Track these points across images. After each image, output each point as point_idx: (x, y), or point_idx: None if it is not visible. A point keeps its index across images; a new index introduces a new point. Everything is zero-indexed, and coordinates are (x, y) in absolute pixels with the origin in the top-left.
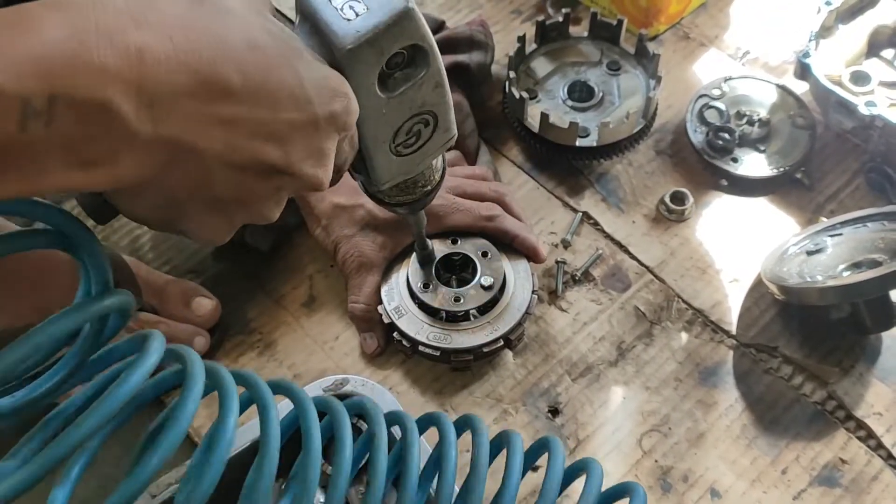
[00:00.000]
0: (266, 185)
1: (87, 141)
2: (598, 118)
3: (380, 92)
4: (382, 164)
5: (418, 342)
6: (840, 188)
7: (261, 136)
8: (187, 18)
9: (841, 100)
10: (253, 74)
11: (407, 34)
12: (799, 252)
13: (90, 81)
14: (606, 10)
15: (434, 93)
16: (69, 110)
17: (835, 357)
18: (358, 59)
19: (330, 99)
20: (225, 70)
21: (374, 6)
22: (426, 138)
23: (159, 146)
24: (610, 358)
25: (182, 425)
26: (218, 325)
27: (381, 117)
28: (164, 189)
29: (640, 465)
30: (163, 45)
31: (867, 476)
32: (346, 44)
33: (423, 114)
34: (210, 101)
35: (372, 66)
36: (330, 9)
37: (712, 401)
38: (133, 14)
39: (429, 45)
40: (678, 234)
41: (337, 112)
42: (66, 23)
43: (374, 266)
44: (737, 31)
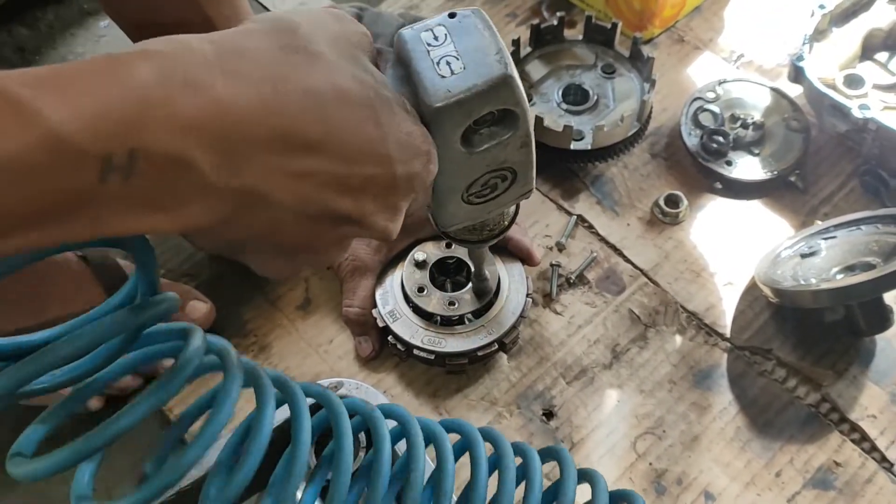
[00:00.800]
0: (335, 233)
1: (162, 191)
2: (592, 121)
3: (462, 147)
4: (451, 210)
5: (413, 346)
6: (834, 191)
7: (336, 189)
8: (277, 68)
9: (835, 103)
10: (336, 128)
11: (500, 100)
12: (793, 255)
13: (171, 136)
14: (601, 13)
15: (519, 152)
16: (148, 165)
17: (829, 360)
18: (446, 118)
19: (412, 158)
20: (308, 124)
21: (471, 66)
22: (502, 191)
23: (233, 196)
24: (604, 361)
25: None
26: (213, 328)
27: (458, 170)
28: (231, 232)
29: (634, 467)
30: (248, 99)
31: (861, 479)
32: (434, 102)
33: (502, 170)
34: (289, 155)
35: (458, 125)
36: (426, 61)
37: (706, 403)
38: (223, 64)
39: (522, 110)
40: (672, 237)
41: (416, 172)
42: (154, 72)
43: (368, 270)
44: (731, 35)
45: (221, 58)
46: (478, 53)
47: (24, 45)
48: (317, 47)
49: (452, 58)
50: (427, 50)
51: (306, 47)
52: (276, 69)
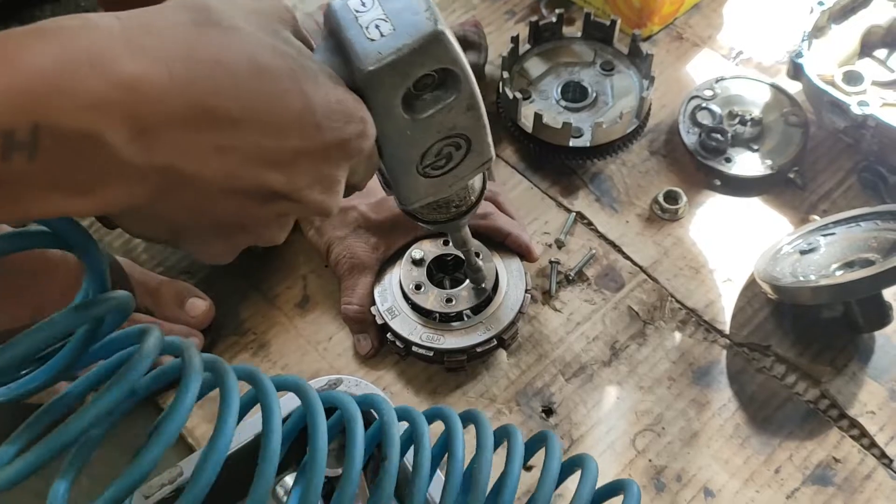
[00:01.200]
0: (269, 210)
1: (75, 170)
2: (591, 118)
3: (404, 114)
4: (409, 184)
5: (412, 343)
6: (833, 187)
7: (263, 163)
8: (188, 42)
9: (834, 99)
10: (255, 102)
11: (434, 58)
12: (792, 251)
13: (76, 112)
14: (600, 10)
15: (466, 116)
16: (54, 141)
17: (828, 356)
18: (379, 81)
19: (343, 124)
20: (225, 99)
21: (400, 27)
22: (458, 161)
23: (153, 174)
24: (603, 358)
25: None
26: (212, 326)
27: (405, 138)
28: (161, 214)
29: (633, 464)
30: (158, 75)
31: (860, 475)
32: (366, 65)
33: (453, 136)
34: (208, 130)
35: (395, 89)
36: (355, 27)
37: (705, 400)
38: (129, 39)
39: (460, 68)
40: (671, 233)
41: (348, 138)
42: (54, 50)
43: (366, 267)
44: (730, 32)
45: (127, 33)
46: (406, 13)
47: None
48: (231, 21)
49: (381, 20)
50: (355, 17)
51: (220, 21)
52: (187, 44)
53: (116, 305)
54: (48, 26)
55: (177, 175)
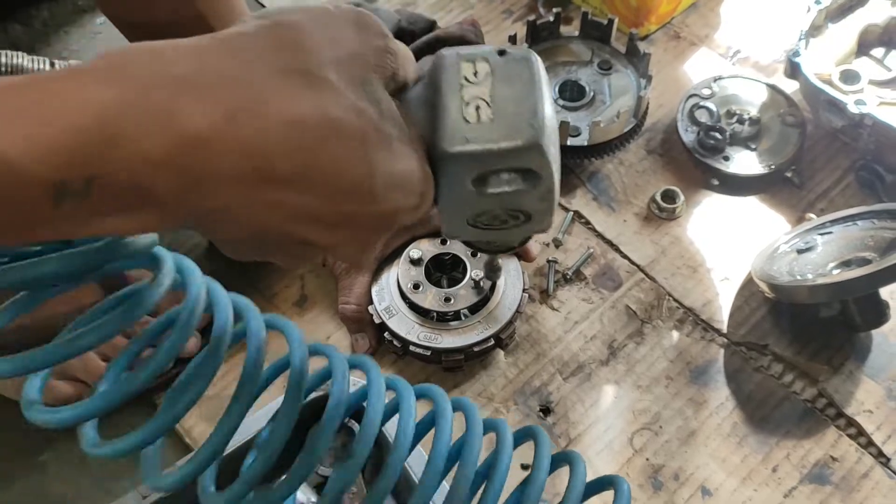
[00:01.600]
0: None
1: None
2: (589, 117)
3: (472, 187)
4: (454, 227)
5: (409, 342)
6: (830, 186)
7: (309, 220)
8: (263, 92)
9: (831, 98)
10: (316, 163)
11: (521, 162)
12: (789, 250)
13: (131, 167)
14: (597, 9)
15: (536, 202)
16: (107, 193)
17: (825, 355)
18: (456, 162)
19: (401, 197)
20: (285, 160)
21: (500, 120)
22: (512, 226)
23: (196, 213)
24: (601, 357)
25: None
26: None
27: (465, 204)
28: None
29: (631, 463)
30: (221, 129)
31: (857, 473)
32: (449, 146)
33: (516, 211)
34: (260, 188)
35: (471, 172)
36: (456, 98)
37: (703, 399)
38: (198, 83)
39: (547, 172)
40: (669, 232)
41: (402, 210)
42: (116, 97)
43: (363, 267)
44: (727, 31)
45: (199, 76)
46: (511, 107)
47: (19, 42)
48: (323, 72)
49: (484, 103)
50: (461, 85)
51: (310, 70)
52: (263, 95)
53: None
54: (115, 62)
55: (218, 218)
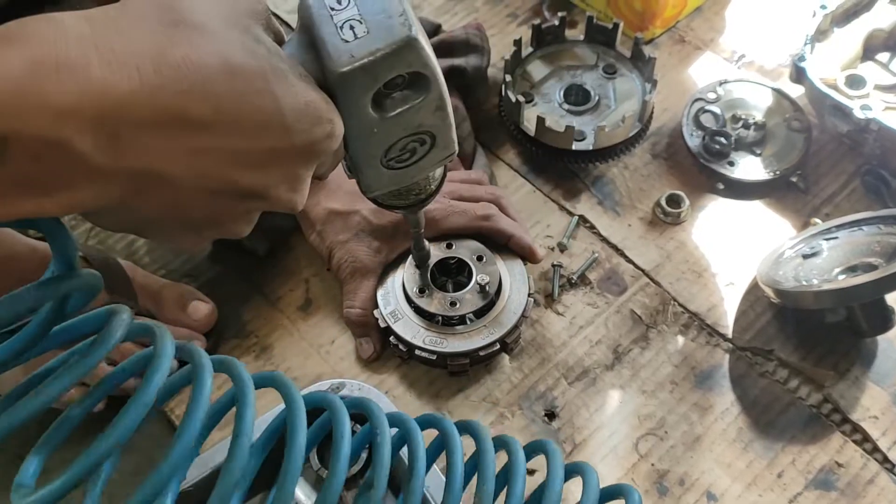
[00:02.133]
0: (239, 207)
1: (44, 175)
2: (594, 122)
3: (372, 112)
4: (372, 175)
5: (414, 346)
6: (836, 192)
7: (233, 163)
8: (158, 45)
9: (836, 103)
10: (226, 103)
11: (406, 63)
12: (794, 255)
13: (45, 121)
14: (602, 13)
15: (434, 115)
16: (23, 149)
17: (830, 360)
18: (350, 82)
19: (311, 126)
20: (196, 101)
21: (374, 29)
22: (421, 155)
23: (124, 177)
24: (606, 361)
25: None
26: (214, 329)
27: (371, 135)
28: (131, 212)
29: (636, 468)
30: (128, 79)
31: (863, 479)
32: (338, 67)
33: (419, 133)
34: (179, 134)
35: (365, 90)
36: (329, 25)
37: (708, 404)
38: (98, 44)
39: (431, 72)
40: (674, 237)
41: (317, 139)
42: (23, 57)
43: (369, 271)
44: (732, 35)
45: (97, 38)
46: (381, 16)
47: None
48: (200, 18)
49: (356, 21)
50: (330, 14)
51: (188, 19)
52: (156, 46)
53: (84, 284)
54: (15, 30)
55: (148, 178)
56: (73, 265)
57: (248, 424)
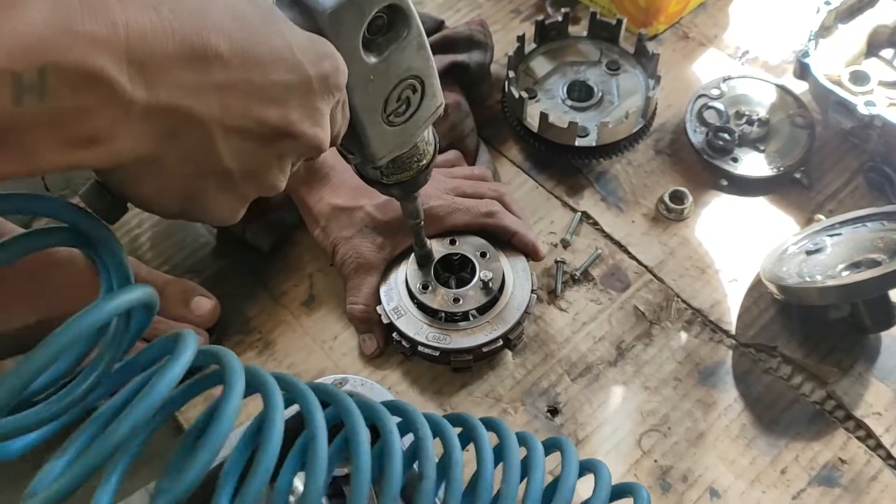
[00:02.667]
0: (269, 150)
1: (84, 113)
2: (597, 118)
3: (365, 56)
4: (377, 135)
5: (417, 342)
6: (839, 188)
7: (257, 98)
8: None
9: (840, 99)
10: (240, 41)
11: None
12: (798, 252)
13: (79, 51)
14: (606, 9)
15: (418, 55)
16: (62, 81)
17: (834, 357)
18: (340, 20)
19: (319, 60)
20: (212, 37)
21: None
22: (416, 105)
23: (156, 115)
24: (609, 358)
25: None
26: (217, 325)
27: (369, 84)
28: (169, 167)
29: (639, 464)
30: (147, 17)
31: (866, 476)
32: (326, 7)
33: (409, 78)
34: (201, 68)
35: (354, 28)
36: None
37: (711, 400)
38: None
39: (406, 5)
40: (677, 233)
41: (327, 72)
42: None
43: (372, 267)
44: (736, 31)
45: None
46: None
47: None
48: None
49: None
50: None
51: None
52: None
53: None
54: None
55: (179, 115)
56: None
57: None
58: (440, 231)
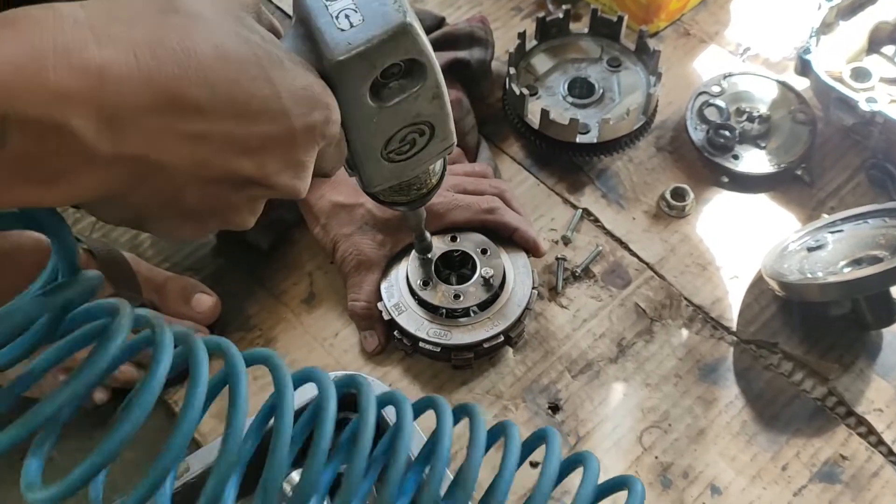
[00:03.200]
0: (240, 196)
1: (44, 159)
2: (598, 115)
3: (371, 101)
4: (372, 169)
5: (418, 339)
6: (841, 184)
7: (232, 150)
8: (154, 30)
9: (842, 96)
10: (222, 88)
11: (402, 49)
12: (799, 248)
13: (45, 103)
14: (607, 6)
15: (431, 104)
16: (24, 132)
17: (835, 353)
18: (348, 70)
19: (309, 109)
20: (192, 86)
21: (370, 17)
22: (421, 146)
23: (123, 164)
24: (610, 354)
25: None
26: (218, 322)
27: (371, 125)
28: (132, 203)
29: (640, 461)
30: (125, 63)
31: (867, 472)
32: (335, 55)
33: (418, 124)
34: (176, 118)
35: (363, 79)
36: (325, 16)
37: (712, 397)
38: (95, 27)
39: (427, 59)
40: (678, 230)
41: (315, 123)
42: (22, 40)
43: (373, 264)
44: (737, 28)
45: (93, 21)
46: (375, 4)
47: None
48: (194, 7)
49: (351, 10)
50: (325, 6)
51: (183, 8)
52: (152, 31)
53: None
54: (13, 17)
55: (147, 164)
56: (75, 264)
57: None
58: (441, 228)
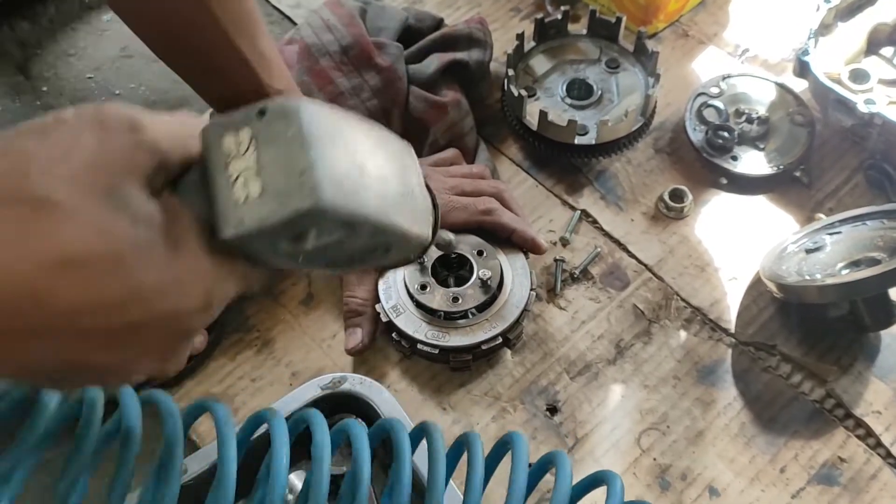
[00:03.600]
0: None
1: None
2: (596, 116)
3: (288, 247)
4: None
5: (416, 341)
6: (839, 186)
7: (85, 347)
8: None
9: (840, 98)
10: (67, 292)
11: (310, 223)
12: (798, 250)
13: None
14: (605, 7)
15: (373, 238)
16: None
17: (833, 355)
18: (241, 243)
19: (178, 299)
20: (25, 297)
21: (271, 190)
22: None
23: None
24: (608, 356)
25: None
26: (216, 323)
27: (298, 264)
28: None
29: (638, 463)
30: None
31: (866, 474)
32: (225, 233)
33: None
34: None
35: (268, 246)
36: (222, 177)
37: (711, 399)
38: None
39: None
40: (677, 232)
41: (184, 312)
42: None
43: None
44: (736, 29)
45: None
46: (281, 174)
47: (26, 39)
48: (50, 193)
49: (252, 175)
50: (226, 162)
51: (35, 196)
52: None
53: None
54: None
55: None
56: None
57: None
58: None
